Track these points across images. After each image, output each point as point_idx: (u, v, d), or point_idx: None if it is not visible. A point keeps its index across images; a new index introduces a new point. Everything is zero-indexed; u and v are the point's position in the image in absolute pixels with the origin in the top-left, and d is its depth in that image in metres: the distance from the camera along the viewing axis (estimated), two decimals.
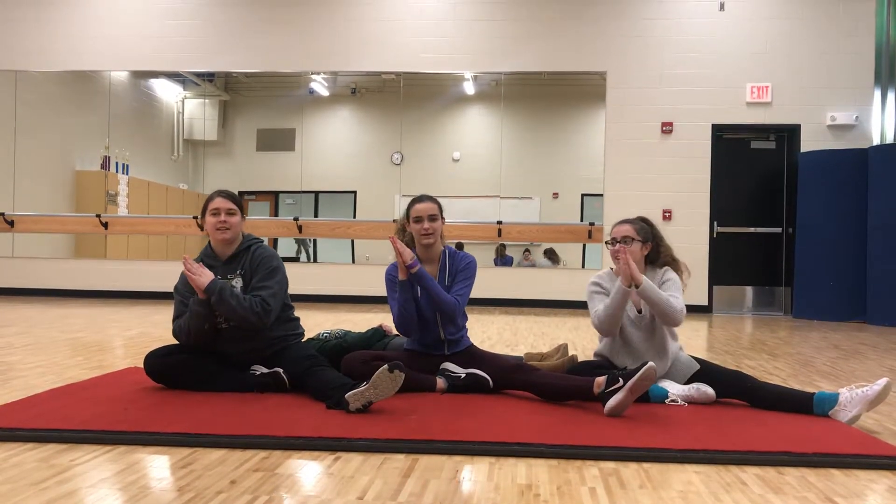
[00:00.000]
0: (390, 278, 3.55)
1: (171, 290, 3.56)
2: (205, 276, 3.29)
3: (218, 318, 3.38)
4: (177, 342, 3.53)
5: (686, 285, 3.53)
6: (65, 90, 10.66)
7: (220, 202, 3.47)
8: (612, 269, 3.54)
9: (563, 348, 4.05)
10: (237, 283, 3.43)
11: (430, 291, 3.44)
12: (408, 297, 3.43)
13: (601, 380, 3.09)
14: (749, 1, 9.31)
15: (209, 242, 3.55)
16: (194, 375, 3.38)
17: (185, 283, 3.45)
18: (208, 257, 3.52)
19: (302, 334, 3.64)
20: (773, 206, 9.48)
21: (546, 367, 3.84)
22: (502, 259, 10.42)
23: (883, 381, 2.97)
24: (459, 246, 9.72)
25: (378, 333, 4.00)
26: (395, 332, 4.03)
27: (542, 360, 4.03)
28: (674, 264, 3.53)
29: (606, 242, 3.54)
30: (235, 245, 3.53)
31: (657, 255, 3.53)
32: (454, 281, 3.57)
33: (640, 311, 3.42)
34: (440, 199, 3.69)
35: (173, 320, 3.46)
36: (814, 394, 3.15)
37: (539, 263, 10.36)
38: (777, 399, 3.22)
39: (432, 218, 3.56)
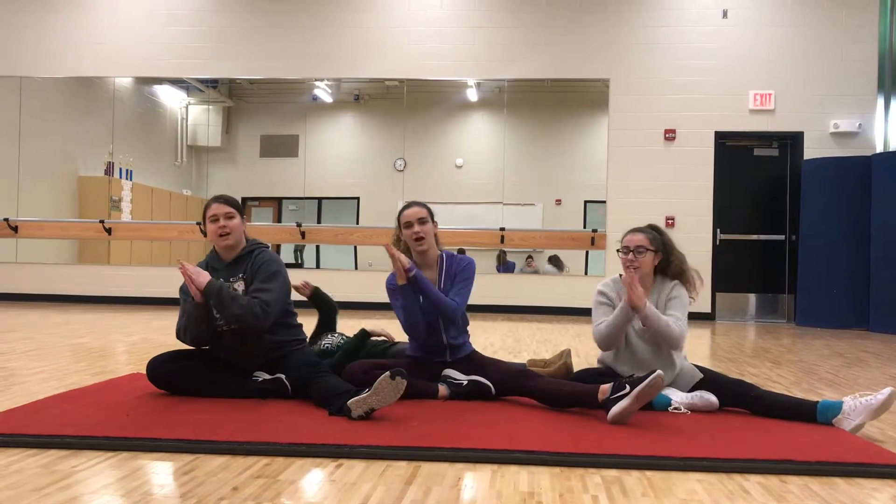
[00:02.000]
0: (391, 287, 3.55)
1: (174, 295, 3.56)
2: (202, 277, 3.28)
3: (218, 321, 3.38)
4: (179, 348, 3.54)
5: (697, 296, 3.53)
6: (69, 96, 10.69)
7: (216, 208, 3.47)
8: (620, 276, 3.54)
9: (566, 353, 4.04)
10: (239, 286, 3.42)
11: (428, 295, 3.44)
12: (411, 300, 3.43)
13: (606, 387, 3.08)
14: (752, 9, 9.31)
15: (213, 247, 3.56)
16: (197, 382, 3.38)
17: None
18: (213, 260, 3.53)
19: (304, 340, 3.64)
20: (776, 214, 9.47)
21: (547, 374, 3.84)
22: (504, 266, 10.41)
23: (888, 391, 2.96)
24: (461, 252, 9.69)
25: (362, 335, 3.99)
26: (379, 333, 4.05)
27: (545, 366, 4.02)
28: (684, 276, 3.50)
29: (618, 250, 3.52)
30: (239, 249, 3.53)
31: (667, 264, 3.51)
32: (454, 283, 3.56)
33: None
34: (443, 206, 3.70)
35: (178, 321, 3.46)
36: (818, 402, 3.14)
37: (544, 270, 10.34)
38: (780, 407, 3.21)
39: (421, 221, 3.56)
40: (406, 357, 3.64)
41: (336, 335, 4.13)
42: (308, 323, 3.88)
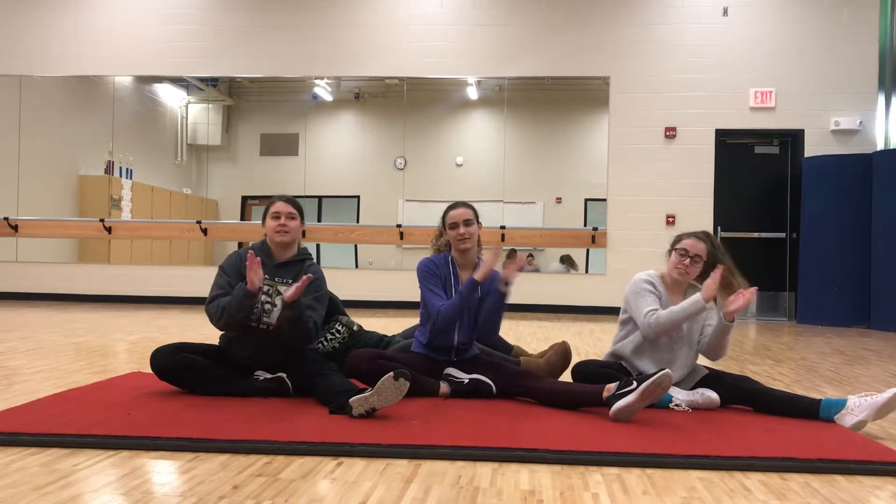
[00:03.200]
0: (428, 271, 3.56)
1: (174, 294, 3.57)
2: (295, 292, 3.25)
3: (258, 316, 3.38)
4: (183, 341, 3.56)
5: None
6: (69, 95, 10.69)
7: (281, 206, 3.51)
8: (662, 274, 3.50)
9: (564, 349, 4.03)
10: (284, 290, 3.40)
11: (500, 312, 3.54)
12: (470, 301, 3.46)
13: (612, 385, 3.07)
14: (752, 6, 9.30)
15: (264, 240, 3.56)
16: (199, 376, 3.37)
17: (233, 266, 3.44)
18: (262, 253, 3.46)
19: (316, 348, 3.65)
20: (777, 212, 9.46)
21: (544, 363, 3.82)
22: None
23: (893, 391, 2.95)
24: None
25: (349, 333, 3.97)
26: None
27: (541, 356, 4.00)
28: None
29: (675, 248, 3.46)
30: (292, 251, 3.55)
31: (729, 283, 3.47)
32: (488, 291, 3.55)
33: None
34: (443, 204, 3.70)
35: (211, 299, 3.41)
36: (821, 400, 3.14)
37: (551, 269, 10.29)
38: (783, 404, 3.21)
39: (468, 223, 3.56)
40: (411, 353, 3.63)
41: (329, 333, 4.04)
42: None
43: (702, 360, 3.61)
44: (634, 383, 2.97)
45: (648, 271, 3.52)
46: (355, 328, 3.96)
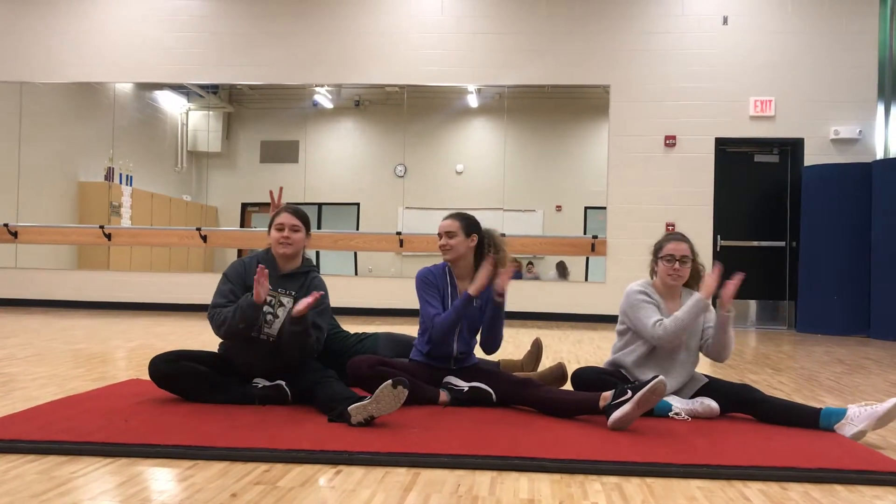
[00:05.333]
0: (427, 282, 3.56)
1: (174, 301, 3.57)
2: (302, 305, 3.24)
3: (260, 327, 3.37)
4: (182, 349, 3.55)
5: None
6: (69, 102, 10.70)
7: (285, 218, 3.49)
8: (653, 282, 3.51)
9: (536, 343, 4.07)
10: (287, 302, 3.41)
11: (499, 321, 3.53)
12: (462, 313, 3.45)
13: (608, 394, 3.07)
14: (752, 15, 9.33)
15: (268, 249, 3.55)
16: (197, 383, 3.37)
17: (237, 274, 3.45)
18: (266, 263, 3.45)
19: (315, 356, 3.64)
20: (777, 220, 9.47)
21: (540, 377, 3.84)
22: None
23: (893, 401, 2.95)
24: None
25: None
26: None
27: (522, 368, 4.05)
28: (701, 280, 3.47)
29: (660, 258, 3.46)
30: (296, 263, 3.55)
31: (696, 272, 3.53)
32: (485, 302, 3.56)
33: None
34: (443, 212, 3.71)
35: (213, 305, 3.40)
36: (821, 409, 3.13)
37: (548, 276, 10.31)
38: (783, 413, 3.20)
39: (450, 235, 3.58)
40: (410, 361, 3.63)
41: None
42: None
43: (701, 369, 3.60)
44: (629, 392, 2.97)
45: (639, 281, 3.53)
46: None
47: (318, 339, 3.39)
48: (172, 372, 3.39)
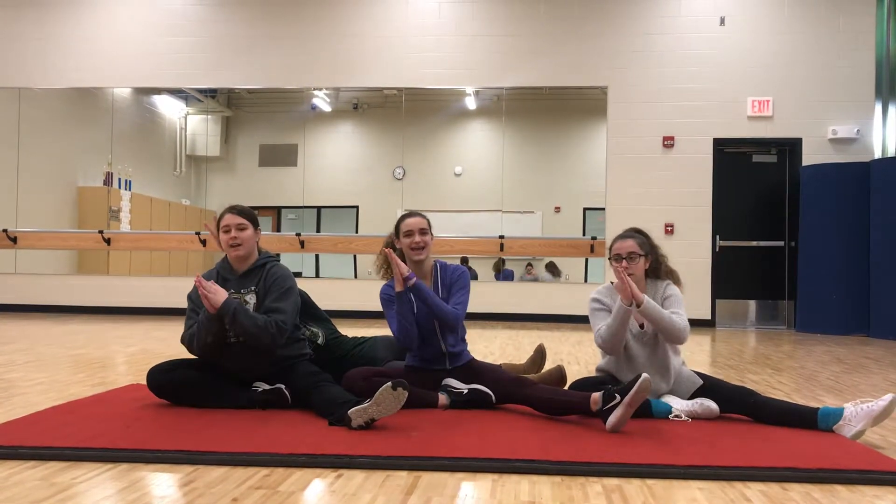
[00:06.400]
0: (386, 297, 3.55)
1: (174, 305, 3.57)
2: (219, 295, 3.28)
3: (228, 333, 3.37)
4: (180, 357, 3.54)
5: (682, 290, 3.54)
6: (68, 107, 10.70)
7: (229, 219, 3.50)
8: (612, 283, 3.53)
9: (539, 349, 4.08)
10: (251, 298, 3.42)
11: (429, 302, 3.43)
12: (406, 309, 3.43)
13: (597, 396, 3.08)
14: (749, 15, 9.34)
15: (225, 255, 3.56)
16: (197, 391, 3.37)
17: (198, 294, 3.44)
18: (224, 270, 3.52)
19: (308, 355, 3.62)
20: (775, 220, 9.47)
21: (539, 379, 3.85)
22: (502, 273, 10.40)
23: (889, 397, 2.95)
24: (464, 261, 9.72)
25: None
26: None
27: (524, 373, 4.06)
28: (673, 275, 3.54)
29: (609, 259, 3.53)
30: (251, 260, 3.53)
31: (658, 265, 3.54)
32: (450, 293, 3.57)
33: (641, 327, 3.41)
34: (442, 214, 3.72)
35: (184, 330, 3.45)
36: (818, 409, 3.13)
37: (541, 277, 10.35)
38: (781, 414, 3.21)
39: (423, 232, 3.57)
40: (406, 367, 3.63)
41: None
42: None
43: (701, 369, 3.60)
44: (618, 396, 2.98)
45: (599, 287, 3.57)
46: (319, 341, 3.85)
47: (281, 324, 3.32)
48: (171, 382, 3.39)
